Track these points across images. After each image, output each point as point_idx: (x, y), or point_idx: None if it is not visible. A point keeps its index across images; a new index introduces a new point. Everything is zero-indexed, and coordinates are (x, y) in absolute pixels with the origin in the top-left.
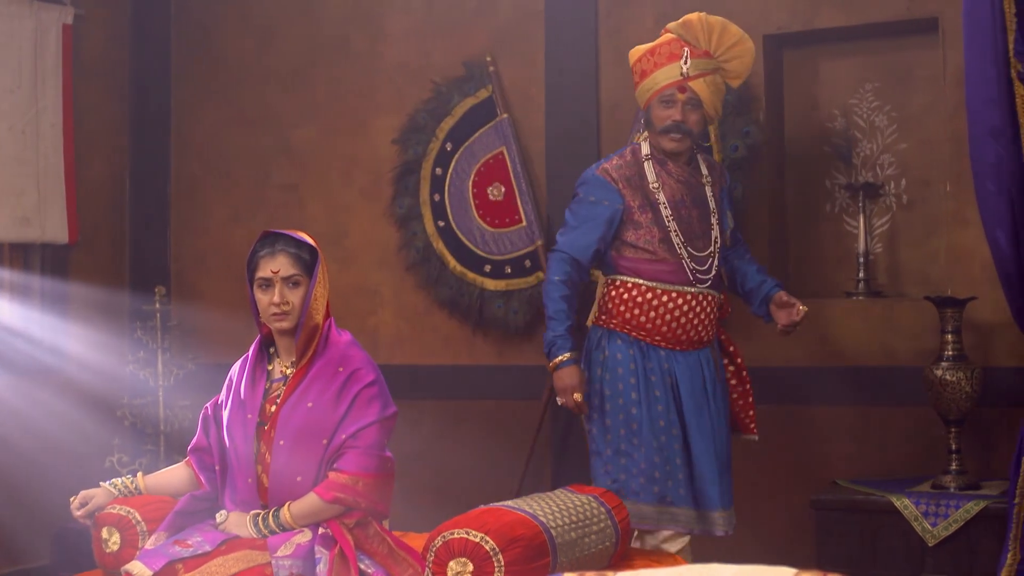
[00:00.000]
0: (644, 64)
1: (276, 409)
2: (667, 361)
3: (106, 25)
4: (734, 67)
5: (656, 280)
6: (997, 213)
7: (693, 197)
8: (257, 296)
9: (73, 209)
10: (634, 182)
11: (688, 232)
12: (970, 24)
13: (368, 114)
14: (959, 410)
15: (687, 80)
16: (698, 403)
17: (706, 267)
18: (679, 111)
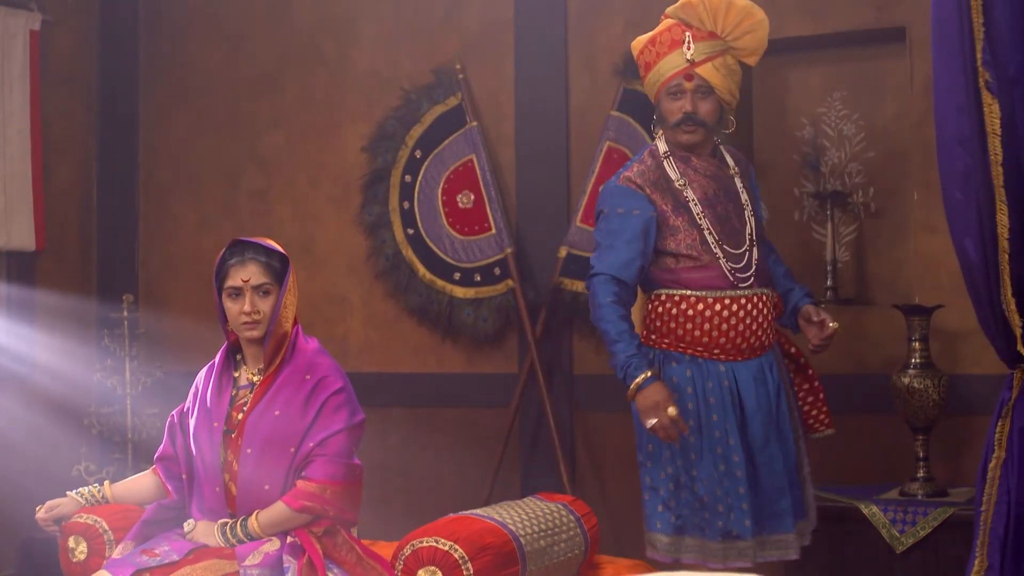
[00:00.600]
0: (647, 56)
1: (243, 417)
2: (727, 376)
3: (74, 31)
4: (746, 44)
5: (705, 288)
6: (965, 222)
7: (725, 191)
8: (226, 305)
9: (40, 216)
10: (661, 185)
11: (723, 230)
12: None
13: (337, 121)
14: (926, 417)
15: (693, 67)
16: (767, 412)
17: (742, 265)
18: (689, 101)
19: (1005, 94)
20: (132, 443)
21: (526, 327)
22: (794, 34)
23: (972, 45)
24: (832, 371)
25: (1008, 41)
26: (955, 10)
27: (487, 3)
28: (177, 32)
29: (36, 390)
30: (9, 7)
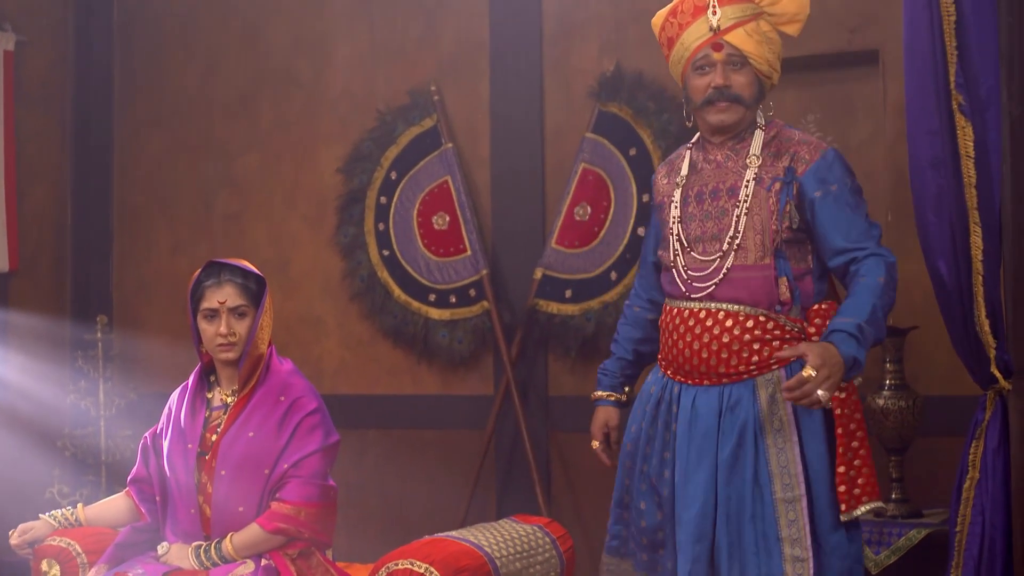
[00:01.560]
0: (668, 31)
1: (217, 438)
2: (679, 400)
3: (48, 52)
4: (784, 8)
5: (667, 295)
6: (938, 244)
7: (718, 188)
8: (202, 327)
9: (14, 236)
10: (671, 177)
11: (693, 231)
12: (911, 56)
13: (312, 143)
14: (901, 438)
15: (721, 34)
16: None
17: (705, 272)
18: (720, 74)
19: (978, 116)
20: (106, 465)
21: (501, 349)
22: None
23: (945, 68)
24: None
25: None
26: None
27: (462, 25)
28: (151, 54)
29: (9, 412)
30: None
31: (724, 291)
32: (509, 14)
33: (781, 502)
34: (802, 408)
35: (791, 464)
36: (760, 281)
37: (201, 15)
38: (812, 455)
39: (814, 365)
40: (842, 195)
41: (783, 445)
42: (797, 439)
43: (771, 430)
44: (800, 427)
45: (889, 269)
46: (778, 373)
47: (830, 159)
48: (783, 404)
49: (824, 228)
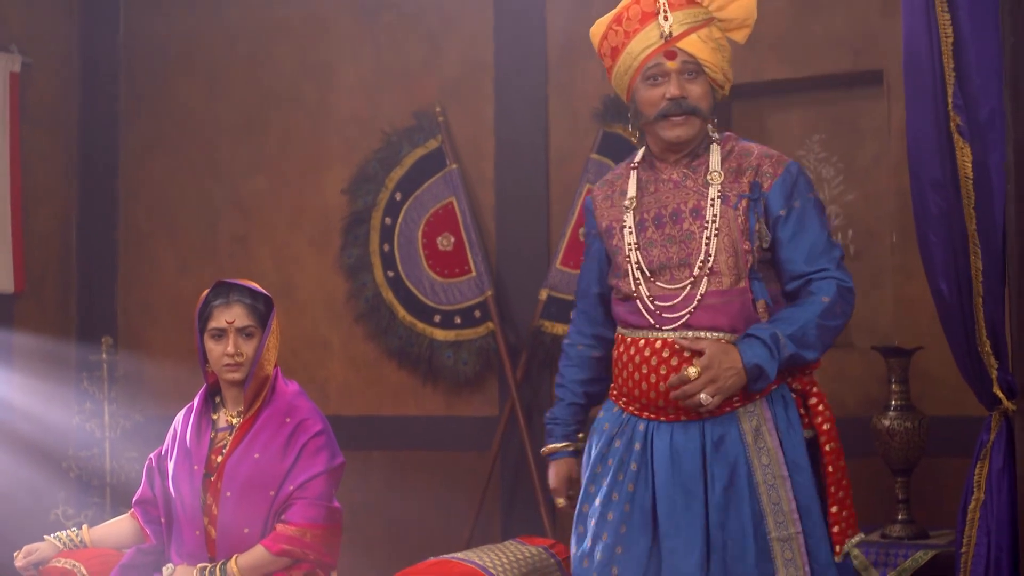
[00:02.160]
0: (612, 40)
1: (223, 460)
2: (651, 439)
3: (54, 73)
4: (733, 13)
5: (629, 326)
6: (940, 264)
7: (680, 209)
8: (209, 346)
9: (20, 258)
10: (614, 200)
11: (656, 257)
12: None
13: (317, 164)
14: (906, 459)
15: (674, 41)
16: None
17: (675, 302)
18: (675, 84)
19: (977, 138)
20: (111, 487)
21: (506, 370)
22: (773, 77)
23: (944, 90)
24: None
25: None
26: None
27: (467, 47)
28: (157, 76)
29: (14, 433)
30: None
31: (701, 318)
32: (514, 36)
33: (776, 541)
34: (787, 437)
35: (783, 500)
36: (739, 306)
37: (206, 38)
38: (799, 489)
39: (700, 365)
40: (805, 212)
41: (772, 481)
42: (787, 473)
43: (759, 465)
44: (787, 460)
45: (841, 292)
46: (760, 403)
47: (794, 173)
48: (768, 436)
49: (786, 251)
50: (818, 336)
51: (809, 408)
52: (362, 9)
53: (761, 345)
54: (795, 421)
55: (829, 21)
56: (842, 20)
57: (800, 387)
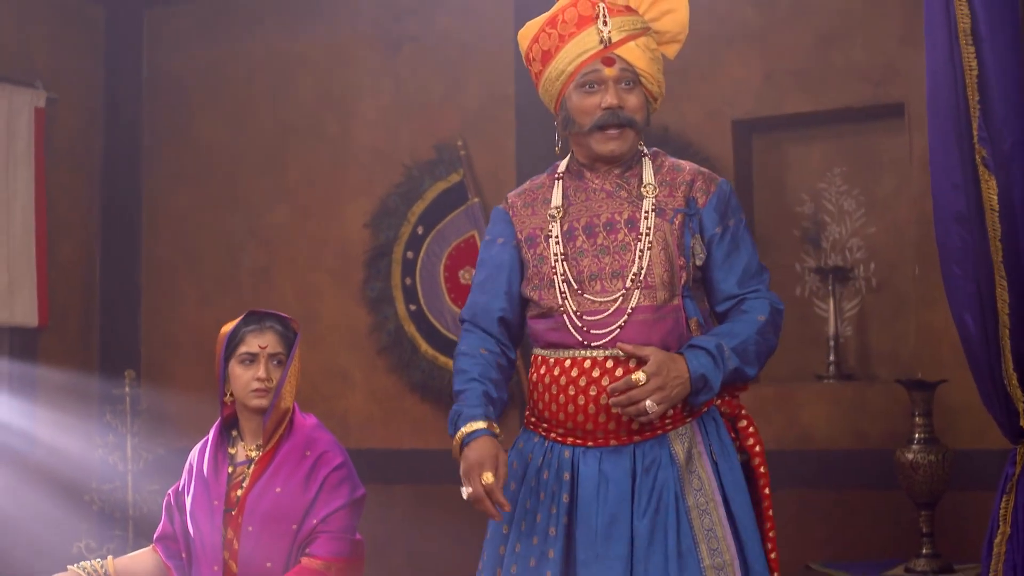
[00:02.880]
0: (544, 43)
1: (243, 494)
2: (577, 466)
3: (78, 108)
4: (666, 25)
5: (550, 346)
6: (964, 296)
7: (614, 219)
8: (236, 372)
9: (43, 292)
10: (536, 208)
11: (583, 269)
12: (934, 110)
13: (339, 197)
14: (930, 493)
15: (613, 47)
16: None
17: (602, 317)
18: (612, 93)
19: (1002, 170)
20: (133, 520)
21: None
22: (793, 110)
23: (968, 122)
24: (835, 447)
25: (1004, 118)
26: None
27: (488, 80)
28: (180, 109)
29: (37, 466)
30: (14, 84)
31: (630, 336)
32: None
33: (710, 569)
34: (722, 459)
35: (716, 526)
36: (671, 323)
37: (228, 72)
38: (740, 512)
39: (648, 371)
40: (738, 233)
41: (705, 505)
42: (721, 497)
43: (691, 490)
44: (723, 482)
45: (773, 312)
46: (691, 426)
47: (727, 192)
48: (700, 459)
49: (719, 271)
50: (756, 353)
51: (739, 431)
52: (383, 42)
53: (707, 355)
54: (728, 443)
55: (849, 53)
56: (862, 52)
57: (729, 411)
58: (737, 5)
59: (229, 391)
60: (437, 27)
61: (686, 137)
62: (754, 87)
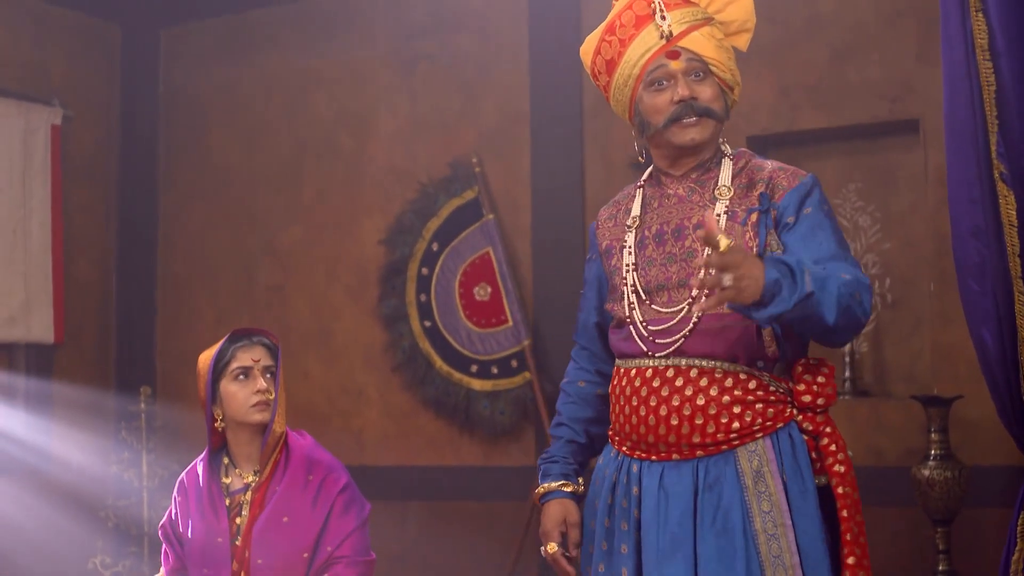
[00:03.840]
0: (606, 52)
1: (246, 526)
2: (640, 481)
3: (94, 126)
4: (732, 14)
5: (622, 355)
6: (982, 312)
7: (683, 225)
8: (231, 391)
9: (59, 309)
10: (618, 219)
11: (651, 279)
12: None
13: (354, 214)
14: (947, 510)
15: (675, 40)
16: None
17: (668, 326)
18: (682, 85)
19: (1020, 185)
20: (148, 536)
21: (543, 420)
22: (808, 127)
23: (986, 137)
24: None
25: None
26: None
27: (503, 98)
28: (196, 126)
29: (53, 482)
30: (31, 102)
31: (695, 345)
32: (549, 87)
33: None
34: (793, 482)
35: (785, 553)
36: (740, 332)
37: (244, 90)
38: (806, 542)
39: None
40: (817, 219)
41: (774, 531)
42: (791, 522)
43: (759, 512)
44: (792, 507)
45: (860, 282)
46: (763, 443)
47: (808, 185)
48: (771, 480)
49: (791, 250)
50: (838, 296)
51: (821, 451)
52: (398, 60)
53: (784, 266)
54: (804, 465)
55: (864, 69)
56: (877, 68)
57: (812, 427)
58: None
59: (219, 415)
60: (452, 45)
61: None
62: (769, 103)
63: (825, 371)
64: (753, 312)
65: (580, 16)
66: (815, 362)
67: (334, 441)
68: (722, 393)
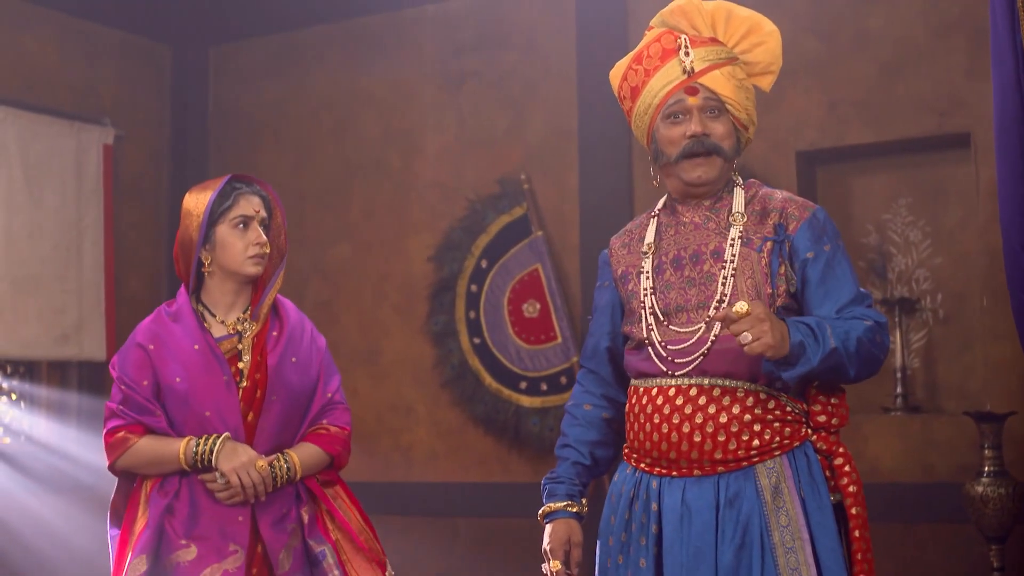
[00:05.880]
0: (632, 79)
1: (256, 368)
2: (661, 496)
3: (145, 144)
4: (758, 57)
5: (640, 375)
6: None
7: (700, 251)
8: (228, 239)
9: (111, 326)
10: (632, 247)
11: (670, 302)
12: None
13: (402, 232)
14: (1001, 526)
15: (695, 76)
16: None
17: (686, 346)
18: (696, 121)
19: None
20: None
21: None
22: (857, 141)
23: None
24: (903, 480)
25: None
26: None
27: (551, 115)
28: (245, 144)
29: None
30: (83, 122)
31: (716, 364)
32: (597, 103)
33: None
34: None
35: (802, 566)
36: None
37: (293, 109)
38: (825, 555)
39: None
40: (835, 257)
41: (791, 544)
42: (808, 536)
43: (777, 526)
44: (810, 522)
45: (879, 324)
46: (780, 460)
47: (822, 218)
48: (789, 496)
49: (812, 295)
50: (858, 351)
51: (835, 470)
52: (446, 78)
53: (806, 327)
54: (820, 481)
55: (914, 84)
56: (927, 83)
57: (826, 447)
58: (800, 36)
59: (207, 260)
60: (500, 63)
61: (750, 169)
62: (818, 118)
63: (839, 393)
64: (781, 371)
65: (627, 31)
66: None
67: (383, 459)
68: (743, 412)
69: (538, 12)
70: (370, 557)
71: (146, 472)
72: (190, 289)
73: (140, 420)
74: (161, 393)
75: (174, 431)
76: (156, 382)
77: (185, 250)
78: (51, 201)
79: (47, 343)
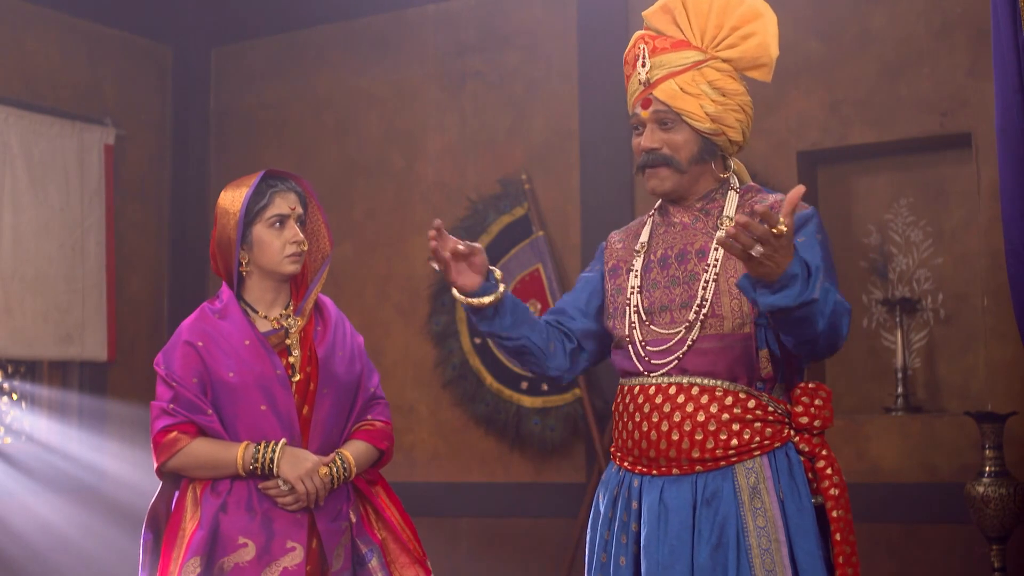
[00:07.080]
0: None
1: (307, 361)
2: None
3: (147, 145)
4: (746, 51)
5: (622, 374)
6: None
7: (686, 250)
8: (267, 238)
9: (112, 327)
10: (628, 243)
11: (654, 301)
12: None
13: (404, 232)
14: (1002, 527)
15: (649, 89)
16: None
17: (665, 347)
18: (647, 135)
19: None
20: None
21: (594, 436)
22: (859, 141)
23: None
24: (904, 480)
25: None
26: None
27: (552, 115)
28: (247, 145)
29: (106, 499)
30: (84, 122)
31: (696, 363)
32: (599, 103)
33: None
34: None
35: (778, 567)
36: (739, 352)
37: (295, 108)
38: (803, 558)
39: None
40: (809, 244)
41: (768, 545)
42: (785, 538)
43: (754, 527)
44: (789, 524)
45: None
46: (760, 460)
47: (807, 215)
48: (767, 497)
49: None
50: (832, 314)
51: (817, 472)
52: (448, 78)
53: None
54: (801, 483)
55: (915, 84)
56: (928, 83)
57: (808, 449)
58: (802, 37)
59: (245, 260)
60: (502, 63)
61: (751, 169)
62: (819, 119)
63: (823, 395)
64: (759, 295)
65: (628, 32)
66: (813, 386)
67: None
68: (722, 411)
69: (540, 12)
70: (415, 557)
71: (196, 475)
72: (232, 287)
73: (192, 419)
74: (211, 391)
75: (226, 429)
76: (204, 380)
77: (223, 250)
78: (55, 201)
79: (51, 343)
